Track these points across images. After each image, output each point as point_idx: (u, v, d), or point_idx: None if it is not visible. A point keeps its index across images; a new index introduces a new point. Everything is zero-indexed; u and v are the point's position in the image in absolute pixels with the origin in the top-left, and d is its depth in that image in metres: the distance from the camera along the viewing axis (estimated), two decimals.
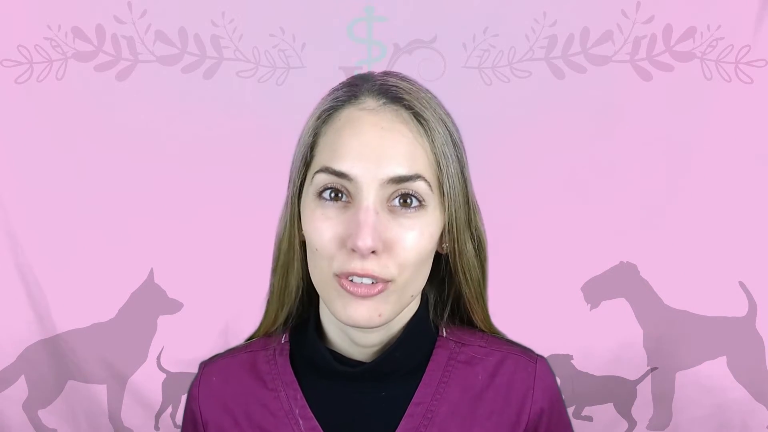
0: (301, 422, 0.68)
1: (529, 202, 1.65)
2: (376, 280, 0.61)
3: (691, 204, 1.65)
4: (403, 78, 0.68)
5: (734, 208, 1.64)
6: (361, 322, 0.62)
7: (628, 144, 1.65)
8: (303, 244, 0.68)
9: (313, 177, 0.64)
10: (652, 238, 1.66)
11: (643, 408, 1.70)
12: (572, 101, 1.66)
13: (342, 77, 0.71)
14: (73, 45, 1.65)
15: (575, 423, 0.79)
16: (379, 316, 0.63)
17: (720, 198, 1.64)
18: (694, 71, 1.64)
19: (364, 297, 0.61)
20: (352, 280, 0.61)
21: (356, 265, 0.60)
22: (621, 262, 1.67)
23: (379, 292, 0.61)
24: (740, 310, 1.66)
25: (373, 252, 0.60)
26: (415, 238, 0.62)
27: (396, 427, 0.67)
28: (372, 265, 0.60)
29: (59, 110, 1.65)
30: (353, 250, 0.60)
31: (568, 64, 1.65)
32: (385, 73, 0.69)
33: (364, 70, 0.71)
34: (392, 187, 0.62)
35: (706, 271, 1.65)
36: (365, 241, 0.59)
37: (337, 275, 0.62)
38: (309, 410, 0.69)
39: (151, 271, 1.69)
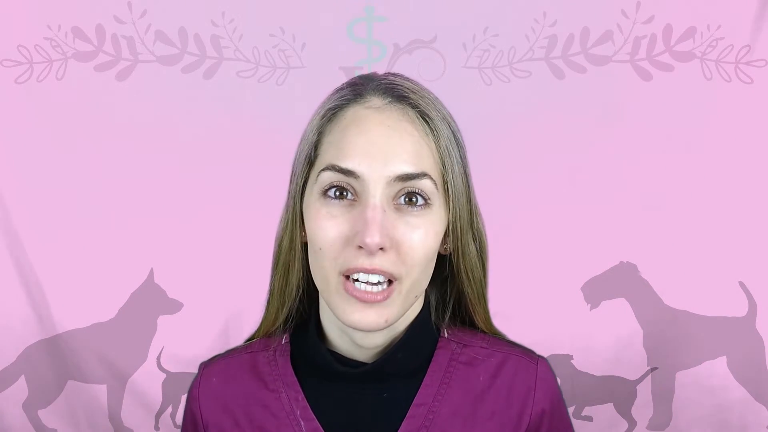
0: (302, 423, 0.68)
1: (529, 202, 1.65)
2: (384, 275, 0.61)
3: (691, 204, 1.65)
4: (407, 78, 0.68)
5: (734, 208, 1.64)
6: (367, 326, 0.62)
7: (628, 144, 1.65)
8: (304, 245, 0.68)
9: (317, 175, 0.64)
10: (652, 238, 1.66)
11: (643, 408, 1.70)
12: (572, 101, 1.66)
13: (342, 77, 0.71)
14: (73, 45, 1.65)
15: (575, 423, 0.79)
16: (386, 321, 0.63)
17: (720, 198, 1.65)
18: (694, 71, 1.64)
19: (370, 303, 0.61)
20: (357, 279, 0.61)
21: (363, 261, 0.60)
22: (621, 262, 1.67)
23: (385, 298, 0.61)
24: (740, 310, 1.66)
25: (380, 249, 0.60)
26: (422, 237, 0.62)
27: (398, 429, 0.67)
28: (380, 261, 0.60)
29: (59, 110, 1.65)
30: (360, 248, 0.60)
31: (568, 64, 1.65)
32: (388, 74, 0.69)
33: (364, 70, 0.72)
34: (398, 185, 0.62)
35: (706, 271, 1.65)
36: (373, 238, 0.59)
37: (343, 274, 0.61)
38: (310, 411, 0.69)
39: (151, 271, 1.69)
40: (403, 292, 0.63)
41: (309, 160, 0.66)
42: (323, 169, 0.63)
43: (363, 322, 0.62)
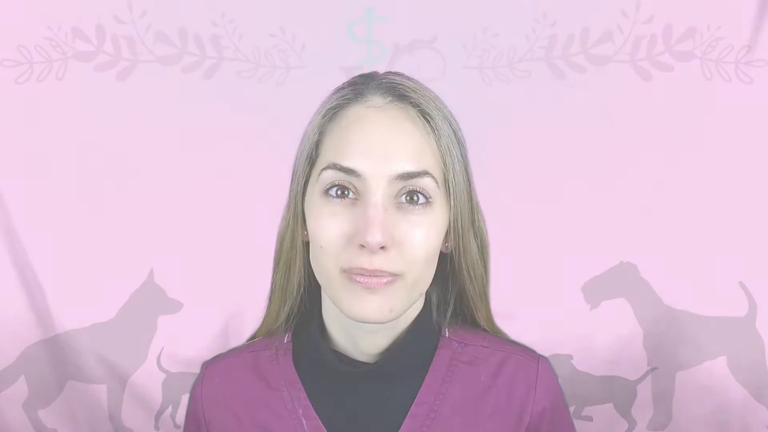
0: (304, 422, 0.68)
1: (528, 202, 1.65)
2: (384, 275, 0.61)
3: (691, 204, 1.65)
4: (408, 77, 0.68)
5: (734, 208, 1.64)
6: (372, 316, 0.62)
7: (627, 144, 1.65)
8: (305, 244, 0.68)
9: (319, 174, 0.64)
10: (652, 238, 1.66)
11: (643, 408, 1.69)
12: (572, 101, 1.66)
13: (342, 77, 0.71)
14: (73, 45, 1.64)
15: (575, 423, 0.79)
16: (390, 311, 0.62)
17: (720, 198, 1.64)
18: (694, 71, 1.64)
19: (373, 290, 0.61)
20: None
21: (364, 260, 0.60)
22: (621, 262, 1.67)
23: (388, 283, 0.61)
24: (740, 310, 1.66)
25: (382, 248, 0.60)
26: (423, 235, 0.63)
27: (399, 427, 0.68)
28: (381, 261, 0.60)
29: (59, 110, 1.65)
30: (362, 246, 0.60)
31: (568, 64, 1.66)
32: (389, 73, 0.69)
33: (364, 70, 0.71)
34: (400, 184, 0.62)
35: (706, 271, 1.65)
36: (375, 237, 0.59)
37: (344, 270, 0.62)
38: (312, 410, 0.69)
39: (151, 271, 1.69)
40: (406, 287, 0.63)
41: (310, 160, 0.66)
42: (325, 168, 0.63)
43: (367, 311, 0.62)
